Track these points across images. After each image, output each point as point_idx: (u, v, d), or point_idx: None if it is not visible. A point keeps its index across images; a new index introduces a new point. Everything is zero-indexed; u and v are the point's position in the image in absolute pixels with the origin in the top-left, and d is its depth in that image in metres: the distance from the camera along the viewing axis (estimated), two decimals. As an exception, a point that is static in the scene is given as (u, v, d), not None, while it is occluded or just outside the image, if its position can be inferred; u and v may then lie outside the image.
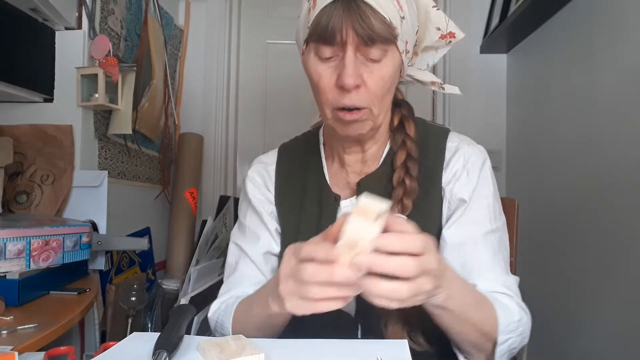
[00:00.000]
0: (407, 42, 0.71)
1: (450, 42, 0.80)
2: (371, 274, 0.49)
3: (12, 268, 0.95)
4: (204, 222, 1.93)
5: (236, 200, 2.02)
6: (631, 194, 1.17)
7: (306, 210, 0.82)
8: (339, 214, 0.80)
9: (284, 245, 0.83)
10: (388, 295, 0.49)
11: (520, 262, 1.01)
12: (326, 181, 0.83)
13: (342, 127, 0.72)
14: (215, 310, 0.82)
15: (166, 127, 2.00)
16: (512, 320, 0.67)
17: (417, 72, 0.81)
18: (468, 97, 2.06)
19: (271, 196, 0.86)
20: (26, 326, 0.81)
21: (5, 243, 0.94)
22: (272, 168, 0.88)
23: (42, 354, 0.60)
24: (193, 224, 2.02)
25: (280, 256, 0.84)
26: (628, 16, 1.22)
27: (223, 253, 1.84)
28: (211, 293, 1.57)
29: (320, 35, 0.66)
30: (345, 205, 0.80)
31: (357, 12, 0.63)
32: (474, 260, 0.73)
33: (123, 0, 1.62)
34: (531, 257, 1.67)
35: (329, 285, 0.51)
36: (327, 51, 0.67)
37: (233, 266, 0.86)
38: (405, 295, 0.49)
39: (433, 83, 0.81)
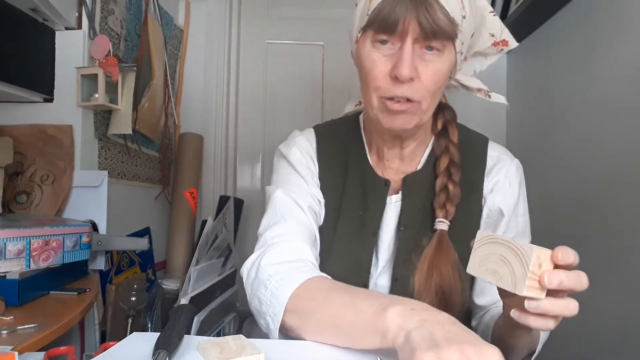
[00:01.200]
0: (463, 43, 0.70)
1: (502, 50, 0.78)
2: (549, 294, 0.50)
3: (12, 268, 0.95)
4: (204, 222, 1.93)
5: (237, 200, 2.02)
6: (632, 193, 1.17)
7: (348, 192, 0.81)
8: (388, 206, 0.79)
9: (324, 222, 0.80)
10: (565, 311, 0.51)
11: (521, 262, 1.01)
12: (370, 164, 0.82)
13: (388, 119, 0.71)
14: (267, 265, 0.67)
15: (166, 127, 2.00)
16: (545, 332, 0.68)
17: (465, 77, 0.80)
18: (468, 97, 2.05)
19: (315, 170, 0.83)
20: (26, 326, 0.81)
21: (5, 243, 0.94)
22: (314, 147, 0.85)
23: (42, 354, 0.60)
24: (193, 224, 2.01)
25: (322, 229, 0.80)
26: (628, 16, 1.22)
27: (223, 253, 1.84)
28: (211, 293, 1.57)
29: (382, 23, 0.65)
30: (395, 200, 0.79)
31: (424, 4, 0.62)
32: None
33: (123, 0, 1.62)
34: (531, 257, 1.67)
35: None
36: (384, 37, 0.66)
37: (279, 214, 0.75)
38: (576, 310, 0.52)
39: (479, 90, 0.80)
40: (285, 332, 0.64)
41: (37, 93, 1.37)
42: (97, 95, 1.39)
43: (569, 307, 0.51)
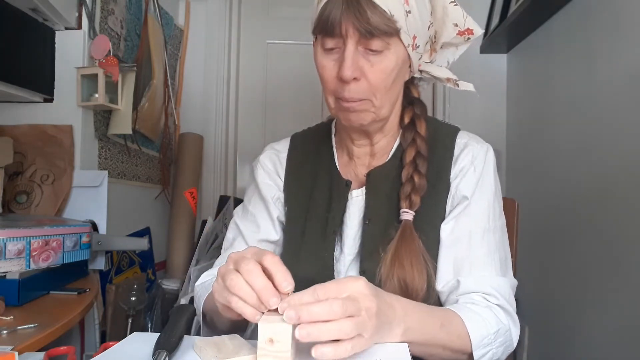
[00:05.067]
0: (415, 37, 0.71)
1: (468, 38, 0.79)
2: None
3: (12, 268, 0.95)
4: (204, 222, 1.93)
5: (237, 200, 2.02)
6: (631, 194, 1.17)
7: (315, 197, 0.83)
8: (350, 202, 0.81)
9: (289, 230, 0.85)
10: (334, 335, 0.48)
11: (520, 262, 1.01)
12: (337, 168, 0.84)
13: (344, 116, 0.74)
14: (203, 282, 0.83)
15: (166, 127, 2.00)
16: (488, 332, 0.66)
17: (434, 68, 0.81)
18: (468, 96, 2.05)
19: (280, 183, 0.87)
20: (26, 326, 0.81)
21: (5, 243, 0.94)
22: (284, 155, 0.89)
23: (42, 354, 0.60)
24: (193, 224, 2.02)
25: (283, 242, 0.86)
26: (627, 16, 1.22)
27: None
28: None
29: (322, 27, 0.68)
30: (356, 195, 0.81)
31: (356, 6, 0.64)
32: (466, 256, 0.73)
33: (123, 0, 1.62)
34: (531, 257, 1.67)
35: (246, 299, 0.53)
36: (330, 42, 0.69)
37: (230, 242, 0.89)
38: (350, 329, 0.49)
39: (448, 80, 0.81)
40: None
41: (37, 93, 1.37)
42: (97, 95, 1.39)
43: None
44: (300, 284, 0.81)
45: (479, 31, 0.79)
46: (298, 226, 0.83)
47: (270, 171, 0.89)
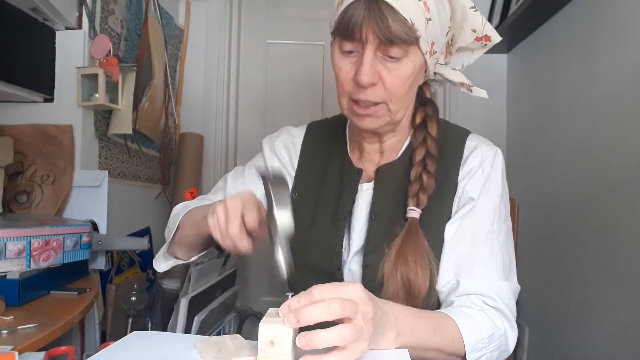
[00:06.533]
0: (433, 44, 0.71)
1: (485, 45, 0.80)
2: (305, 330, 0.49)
3: (13, 268, 0.95)
4: (204, 222, 1.92)
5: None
6: (631, 194, 1.17)
7: (327, 184, 0.85)
8: (359, 194, 0.82)
9: (298, 215, 0.86)
10: (334, 341, 0.48)
11: (520, 261, 1.01)
12: (349, 157, 0.86)
13: (357, 120, 0.75)
14: (185, 204, 0.91)
15: (166, 127, 2.00)
16: (482, 337, 0.66)
17: (449, 71, 0.81)
18: (468, 97, 2.05)
19: (292, 171, 0.89)
20: (26, 326, 0.81)
21: (5, 243, 0.94)
22: (299, 141, 0.91)
23: (42, 354, 0.60)
24: (193, 224, 2.01)
25: (301, 218, 0.88)
26: (628, 16, 1.22)
27: (223, 253, 1.84)
28: (211, 293, 1.58)
29: (342, 31, 0.68)
30: (366, 188, 0.82)
31: (378, 13, 0.65)
32: (467, 257, 0.73)
33: (123, 0, 1.62)
34: (531, 256, 1.67)
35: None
36: (348, 46, 0.70)
37: (213, 191, 0.95)
38: (349, 335, 0.49)
39: (462, 84, 0.81)
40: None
41: (37, 93, 1.37)
42: (97, 95, 1.39)
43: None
44: (309, 268, 0.82)
45: (497, 38, 0.79)
46: (308, 211, 0.84)
47: (284, 159, 0.90)
